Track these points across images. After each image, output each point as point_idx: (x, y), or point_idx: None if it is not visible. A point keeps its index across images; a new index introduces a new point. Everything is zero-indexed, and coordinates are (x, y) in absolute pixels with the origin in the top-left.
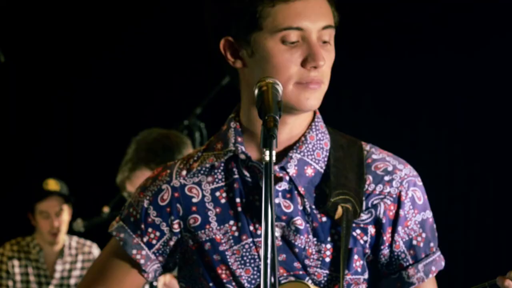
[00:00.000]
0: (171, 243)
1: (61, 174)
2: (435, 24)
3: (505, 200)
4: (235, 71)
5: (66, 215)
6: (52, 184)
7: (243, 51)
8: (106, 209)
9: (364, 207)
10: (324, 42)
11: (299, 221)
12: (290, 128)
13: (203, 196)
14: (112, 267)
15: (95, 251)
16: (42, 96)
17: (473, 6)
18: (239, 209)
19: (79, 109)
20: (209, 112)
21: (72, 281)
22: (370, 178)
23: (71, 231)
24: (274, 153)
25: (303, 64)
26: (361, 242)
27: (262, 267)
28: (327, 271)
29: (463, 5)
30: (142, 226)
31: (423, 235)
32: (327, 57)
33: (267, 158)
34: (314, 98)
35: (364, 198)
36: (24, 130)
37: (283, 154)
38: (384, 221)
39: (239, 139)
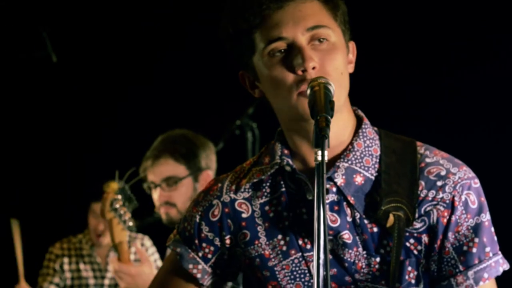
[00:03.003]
0: (226, 256)
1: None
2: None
3: None
4: (264, 100)
5: None
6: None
7: (254, 80)
8: None
9: (417, 215)
10: (320, 41)
11: (347, 235)
12: (330, 137)
13: (253, 211)
14: (171, 280)
15: (147, 243)
16: (103, 97)
17: None
18: (286, 223)
19: (136, 110)
20: (262, 112)
21: None
22: (422, 183)
23: None
24: (326, 153)
25: (296, 70)
26: (415, 252)
27: (314, 280)
28: (377, 285)
29: None
30: (196, 241)
31: (476, 240)
32: (322, 56)
33: (319, 158)
34: None
35: (417, 205)
36: (80, 131)
37: (330, 165)
38: (437, 228)
39: (285, 151)
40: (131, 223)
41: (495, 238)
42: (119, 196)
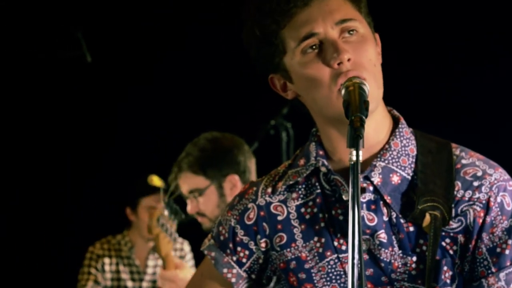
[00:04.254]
0: (261, 261)
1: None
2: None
3: None
4: (297, 101)
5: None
6: (157, 181)
7: (287, 82)
8: None
9: (453, 214)
10: (350, 33)
11: (383, 235)
12: (365, 136)
13: (289, 213)
14: (205, 285)
15: (186, 247)
16: (103, 97)
17: None
18: (322, 224)
19: (136, 110)
20: (296, 112)
21: None
22: (459, 184)
23: None
24: (361, 153)
25: (332, 63)
26: (451, 252)
27: (349, 278)
28: (414, 285)
29: None
30: (231, 245)
31: (509, 242)
32: (355, 49)
33: (354, 158)
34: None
35: (453, 205)
36: (80, 131)
37: (367, 164)
38: (473, 228)
39: (320, 152)
40: (177, 235)
41: None
42: (166, 212)
